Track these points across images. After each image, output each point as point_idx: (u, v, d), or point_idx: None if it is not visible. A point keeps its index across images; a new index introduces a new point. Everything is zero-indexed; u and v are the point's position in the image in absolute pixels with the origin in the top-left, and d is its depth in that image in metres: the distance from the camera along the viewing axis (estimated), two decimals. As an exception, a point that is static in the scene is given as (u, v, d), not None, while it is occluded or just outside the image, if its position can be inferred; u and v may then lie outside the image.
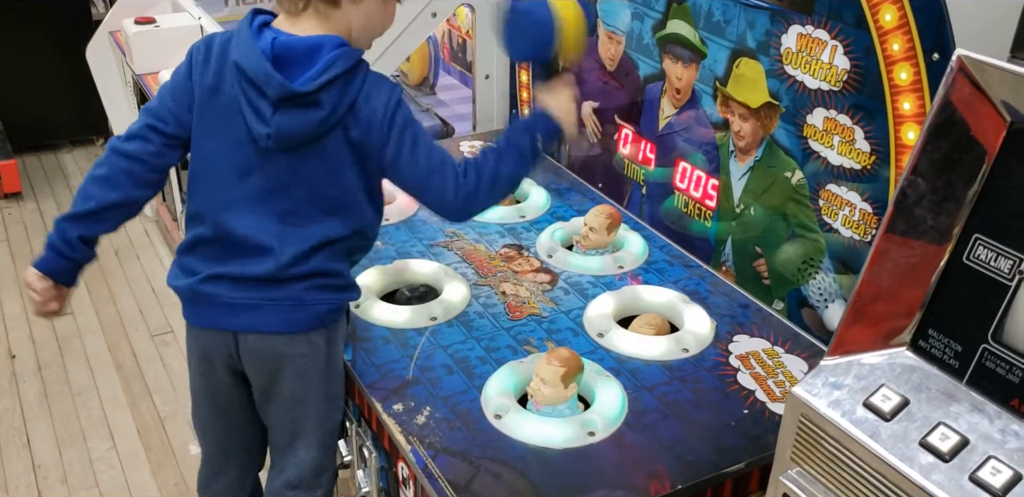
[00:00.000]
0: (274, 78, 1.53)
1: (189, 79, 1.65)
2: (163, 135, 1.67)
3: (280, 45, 1.56)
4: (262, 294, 1.66)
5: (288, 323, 1.68)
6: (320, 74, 1.54)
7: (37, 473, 2.77)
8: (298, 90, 1.53)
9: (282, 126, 1.56)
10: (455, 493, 1.50)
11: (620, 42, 2.30)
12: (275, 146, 1.58)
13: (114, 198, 1.67)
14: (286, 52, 1.56)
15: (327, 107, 1.55)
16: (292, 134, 1.57)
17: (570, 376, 1.66)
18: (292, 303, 1.67)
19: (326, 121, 1.57)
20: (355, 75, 1.58)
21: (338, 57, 1.55)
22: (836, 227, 1.79)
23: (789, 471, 1.13)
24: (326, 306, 1.70)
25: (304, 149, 1.60)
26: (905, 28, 1.54)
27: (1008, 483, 0.92)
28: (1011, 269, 0.99)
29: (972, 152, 1.02)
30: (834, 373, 1.10)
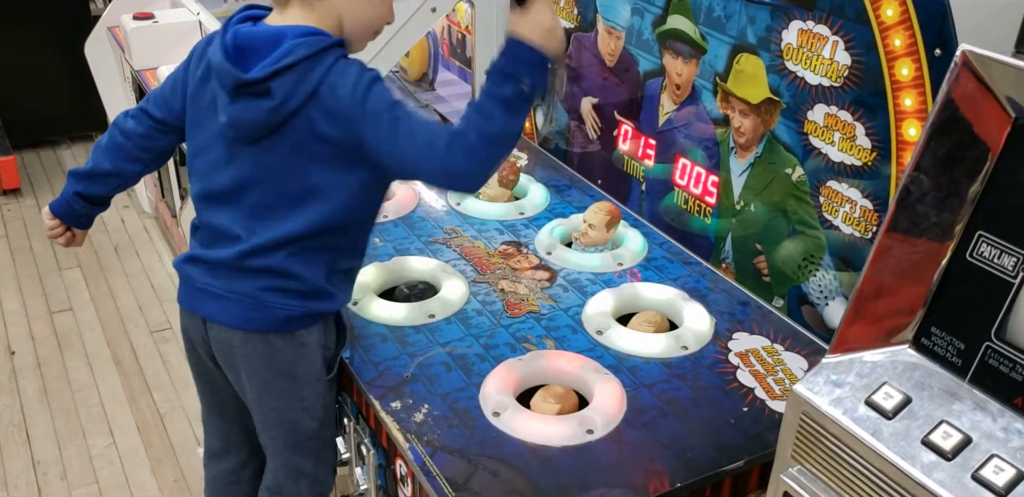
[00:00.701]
0: (224, 67, 1.53)
1: (186, 72, 1.69)
2: (153, 119, 1.77)
3: (242, 36, 1.55)
4: (227, 285, 1.66)
5: (245, 320, 1.67)
6: (274, 62, 1.50)
7: (37, 469, 2.76)
8: (245, 78, 1.51)
9: (234, 116, 1.55)
10: (453, 491, 1.49)
11: (620, 37, 2.29)
12: (233, 136, 1.58)
13: (106, 167, 1.81)
14: (248, 43, 1.54)
15: (278, 96, 1.50)
16: (244, 124, 1.55)
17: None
18: (251, 301, 1.65)
19: (277, 110, 1.51)
20: (317, 63, 1.50)
21: (297, 45, 1.50)
22: (836, 224, 1.78)
23: (790, 469, 1.12)
24: (285, 311, 1.65)
25: (266, 141, 1.56)
26: (907, 23, 1.53)
27: (1011, 482, 0.91)
28: (1015, 266, 0.98)
29: (975, 148, 1.02)
30: (836, 371, 1.09)
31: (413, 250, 2.19)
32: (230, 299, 1.66)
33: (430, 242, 2.23)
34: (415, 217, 2.34)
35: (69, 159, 4.78)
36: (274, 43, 1.52)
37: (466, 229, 2.29)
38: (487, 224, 2.31)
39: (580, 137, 2.58)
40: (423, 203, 2.41)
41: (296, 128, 1.53)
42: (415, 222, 2.31)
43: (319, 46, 1.51)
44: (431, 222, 2.31)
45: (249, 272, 1.64)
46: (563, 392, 1.72)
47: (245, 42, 1.55)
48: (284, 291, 1.65)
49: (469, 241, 2.23)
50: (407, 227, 2.29)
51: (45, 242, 4.01)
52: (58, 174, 4.63)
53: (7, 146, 4.41)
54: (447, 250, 2.19)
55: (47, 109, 4.72)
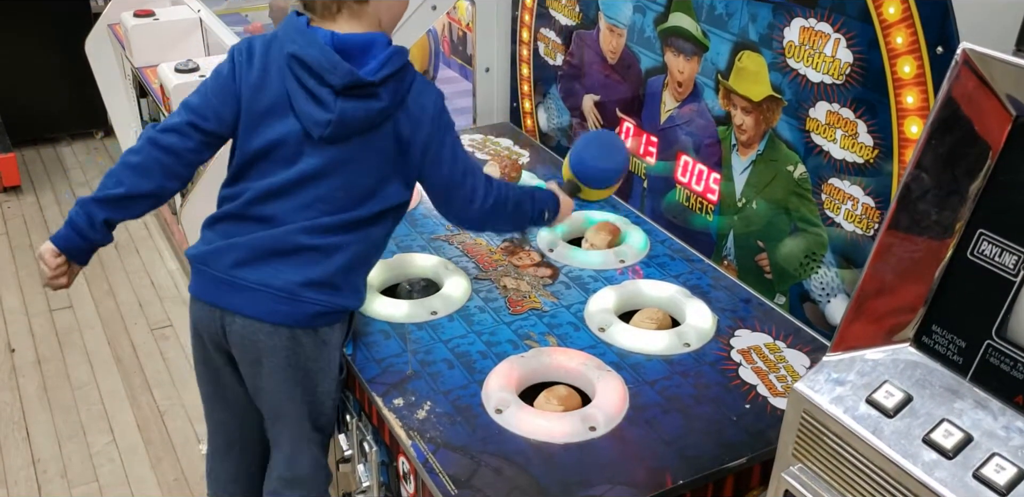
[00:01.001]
0: (342, 66, 1.58)
1: (233, 80, 1.69)
2: (202, 132, 1.71)
3: (339, 40, 1.61)
4: (259, 277, 1.67)
5: (274, 314, 1.68)
6: (381, 67, 1.60)
7: (37, 467, 2.77)
8: (365, 79, 1.59)
9: (345, 112, 1.61)
10: (456, 488, 1.50)
11: (622, 35, 2.29)
12: (331, 133, 1.63)
13: (145, 187, 1.71)
14: (344, 46, 1.61)
15: (386, 99, 1.62)
16: (352, 121, 1.63)
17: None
18: (284, 295, 1.67)
19: (383, 112, 1.63)
20: (407, 72, 1.65)
21: (393, 54, 1.62)
22: (838, 221, 1.78)
23: (791, 467, 1.12)
24: (317, 307, 1.68)
25: (352, 139, 1.65)
26: (908, 21, 1.53)
27: (1012, 480, 0.91)
28: (1016, 264, 0.98)
29: (976, 146, 1.02)
30: (837, 369, 1.09)
31: (415, 247, 2.19)
32: (261, 292, 1.67)
33: (432, 239, 2.23)
34: (417, 214, 2.34)
35: (69, 156, 4.78)
36: (366, 50, 1.62)
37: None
38: (488, 221, 2.31)
39: (582, 134, 2.58)
40: (425, 200, 2.40)
41: (384, 130, 1.66)
42: (417, 219, 2.31)
43: (407, 56, 1.66)
44: (433, 219, 2.31)
45: (296, 254, 1.67)
46: (566, 394, 1.72)
47: (342, 45, 1.61)
48: (321, 285, 1.68)
49: (471, 238, 2.24)
50: (409, 224, 2.29)
51: (45, 239, 4.00)
52: (58, 171, 4.62)
53: (7, 143, 4.41)
54: (449, 247, 2.20)
55: (47, 106, 4.72)
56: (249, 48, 1.69)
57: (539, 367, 1.78)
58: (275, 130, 1.67)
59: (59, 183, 4.52)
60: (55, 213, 4.23)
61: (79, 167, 4.67)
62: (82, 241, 1.73)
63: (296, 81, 1.62)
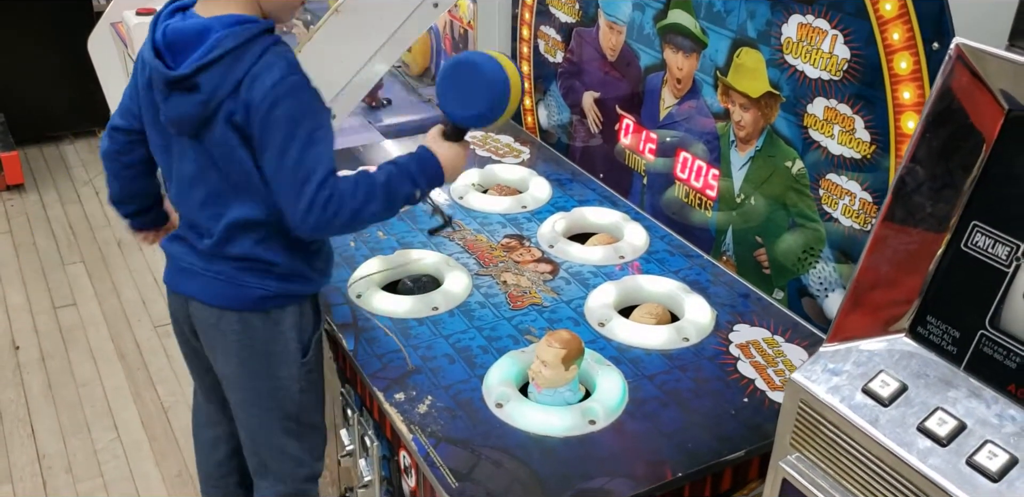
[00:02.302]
0: (155, 64, 1.54)
1: (135, 76, 1.69)
2: (123, 132, 1.76)
3: (171, 32, 1.54)
4: (205, 264, 1.71)
5: (220, 297, 1.71)
6: (200, 57, 1.50)
7: (42, 463, 2.78)
8: (174, 75, 1.52)
9: (169, 112, 1.57)
10: (457, 481, 1.51)
11: (621, 32, 2.30)
12: (175, 133, 1.60)
13: (117, 192, 1.88)
14: (177, 38, 1.54)
15: (206, 90, 1.51)
16: (180, 119, 1.56)
17: (571, 358, 1.64)
18: (225, 279, 1.69)
19: (207, 104, 1.52)
20: (244, 53, 1.50)
21: (224, 37, 1.50)
22: (836, 216, 1.79)
23: (788, 456, 1.14)
24: (261, 290, 1.69)
25: (203, 134, 1.57)
26: (905, 17, 1.54)
27: (1004, 466, 0.93)
28: (1009, 256, 1.00)
29: (970, 140, 1.03)
30: (833, 359, 1.10)
31: (416, 244, 2.20)
32: (209, 277, 1.70)
33: (433, 235, 2.24)
34: (417, 210, 2.35)
35: (72, 154, 4.80)
36: (202, 36, 1.51)
37: (469, 223, 2.30)
38: (490, 217, 2.33)
39: (582, 131, 2.59)
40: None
41: (219, 119, 1.54)
42: (418, 215, 2.33)
43: (246, 35, 1.51)
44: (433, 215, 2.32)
45: (226, 259, 1.69)
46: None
47: (174, 37, 1.54)
48: (261, 272, 1.69)
49: (472, 234, 2.25)
50: (410, 221, 2.30)
51: (48, 237, 4.02)
52: (61, 169, 4.64)
53: (10, 142, 4.43)
54: (450, 243, 2.21)
55: (50, 105, 4.74)
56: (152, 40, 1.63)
57: (539, 361, 1.79)
58: (158, 128, 1.66)
59: (62, 181, 4.53)
60: (58, 211, 4.24)
61: (82, 165, 4.69)
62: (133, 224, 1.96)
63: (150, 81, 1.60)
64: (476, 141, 2.74)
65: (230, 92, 1.51)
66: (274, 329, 1.74)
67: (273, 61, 1.51)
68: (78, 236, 4.04)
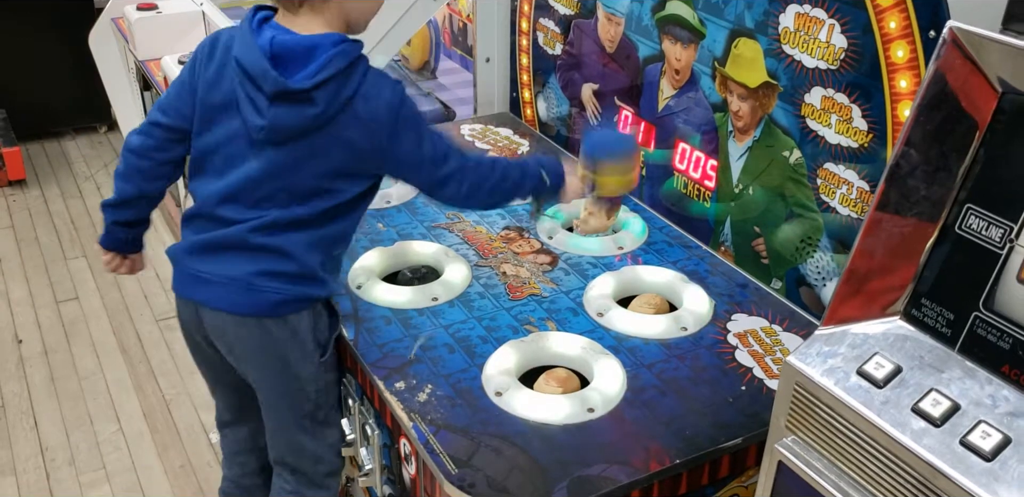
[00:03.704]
0: (270, 75, 1.57)
1: (192, 75, 1.71)
2: (165, 129, 1.76)
3: (278, 44, 1.60)
4: (219, 269, 1.70)
5: (236, 305, 1.71)
6: (316, 73, 1.57)
7: (45, 455, 2.79)
8: (292, 87, 1.57)
9: (276, 120, 1.61)
10: (456, 468, 1.52)
11: (619, 24, 2.31)
12: (266, 138, 1.63)
13: (131, 192, 1.83)
14: (284, 51, 1.59)
15: (321, 104, 1.59)
16: (285, 128, 1.62)
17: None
18: (242, 286, 1.69)
19: (319, 118, 1.60)
20: (352, 73, 1.60)
21: (334, 56, 1.58)
22: (834, 206, 1.80)
23: (784, 439, 1.15)
24: (278, 296, 1.70)
25: (294, 142, 1.64)
26: (901, 6, 1.55)
27: (997, 446, 0.94)
28: (1002, 238, 1.01)
29: (964, 123, 1.04)
30: (828, 342, 1.11)
31: (416, 235, 2.21)
32: (222, 284, 1.70)
33: (433, 227, 2.25)
34: (418, 202, 2.36)
35: (73, 150, 4.80)
36: (311, 53, 1.59)
37: (468, 214, 2.31)
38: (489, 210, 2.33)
39: (581, 123, 2.60)
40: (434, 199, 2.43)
41: (326, 133, 1.62)
42: (418, 207, 2.34)
43: (352, 56, 1.60)
44: (433, 207, 2.33)
45: (248, 250, 1.69)
46: (565, 376, 1.74)
47: (281, 50, 1.60)
48: (276, 275, 1.69)
49: (471, 226, 2.26)
50: (410, 212, 2.31)
51: (50, 232, 4.03)
52: (62, 165, 4.65)
53: (12, 137, 4.43)
54: (450, 235, 2.22)
55: (51, 100, 4.74)
56: (212, 43, 1.70)
57: (538, 351, 1.80)
58: (224, 128, 1.68)
59: (63, 177, 4.54)
60: (60, 206, 4.25)
61: (83, 160, 4.70)
62: (115, 238, 1.91)
63: (240, 84, 1.63)
64: (475, 134, 2.75)
65: (341, 108, 1.60)
66: (292, 334, 1.75)
67: (377, 78, 1.64)
68: (80, 231, 4.05)
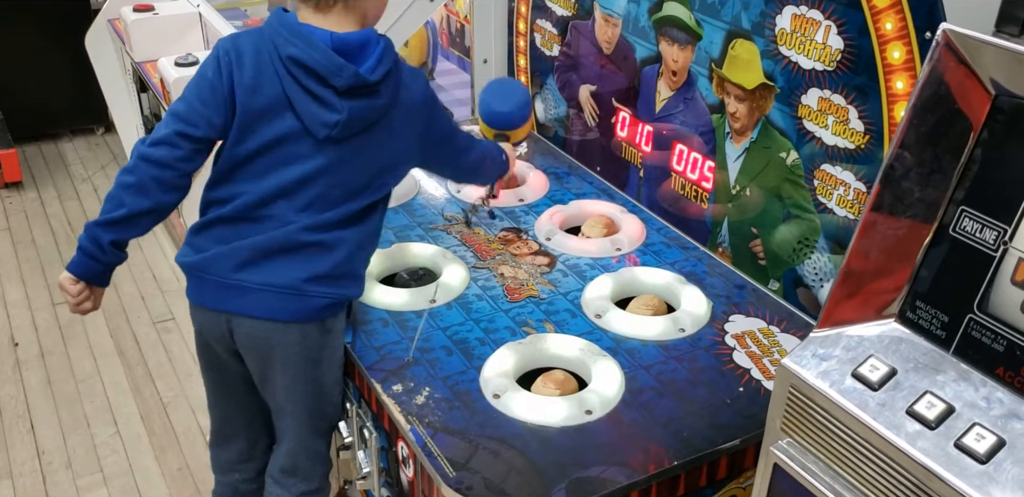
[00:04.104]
0: (347, 68, 1.61)
1: (221, 81, 1.65)
2: (192, 140, 1.68)
3: (338, 40, 1.63)
4: (263, 277, 1.69)
5: (283, 312, 1.70)
6: (378, 64, 1.65)
7: (41, 458, 2.79)
8: (368, 79, 1.63)
9: (353, 112, 1.64)
10: (454, 470, 1.52)
11: (617, 25, 2.31)
12: (338, 133, 1.65)
13: (146, 205, 1.69)
14: (343, 46, 1.63)
15: (385, 96, 1.68)
16: (358, 120, 1.66)
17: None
18: (291, 292, 1.69)
19: (383, 109, 1.69)
20: (399, 65, 1.71)
21: (386, 50, 1.67)
22: (831, 207, 1.80)
23: (779, 441, 1.15)
24: (325, 300, 1.72)
25: (356, 137, 1.69)
26: (897, 7, 1.55)
27: (992, 449, 0.94)
28: (996, 240, 1.01)
29: (958, 125, 1.04)
30: (823, 345, 1.11)
31: (414, 237, 2.21)
32: (263, 292, 1.69)
33: (431, 229, 2.25)
34: (415, 204, 2.36)
35: (70, 152, 4.80)
36: (365, 47, 1.65)
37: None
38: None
39: (579, 125, 2.60)
40: (423, 190, 2.43)
41: (380, 125, 1.71)
42: (415, 209, 2.34)
43: (396, 51, 1.71)
44: (431, 209, 2.33)
45: (299, 250, 1.69)
46: (563, 378, 1.74)
47: (342, 45, 1.63)
48: (324, 279, 1.71)
49: (470, 228, 2.26)
50: (408, 214, 2.31)
51: (47, 234, 4.03)
52: (59, 167, 4.64)
53: (8, 139, 4.43)
54: (447, 237, 2.22)
55: (48, 102, 4.74)
56: (237, 48, 1.67)
57: (536, 353, 1.80)
58: (272, 130, 1.66)
59: (60, 179, 4.53)
60: (57, 208, 4.25)
61: (80, 162, 4.69)
62: (96, 265, 1.75)
63: (296, 83, 1.62)
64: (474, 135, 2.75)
65: (393, 99, 1.70)
66: (327, 337, 1.77)
67: (409, 68, 1.77)
68: (76, 233, 4.01)
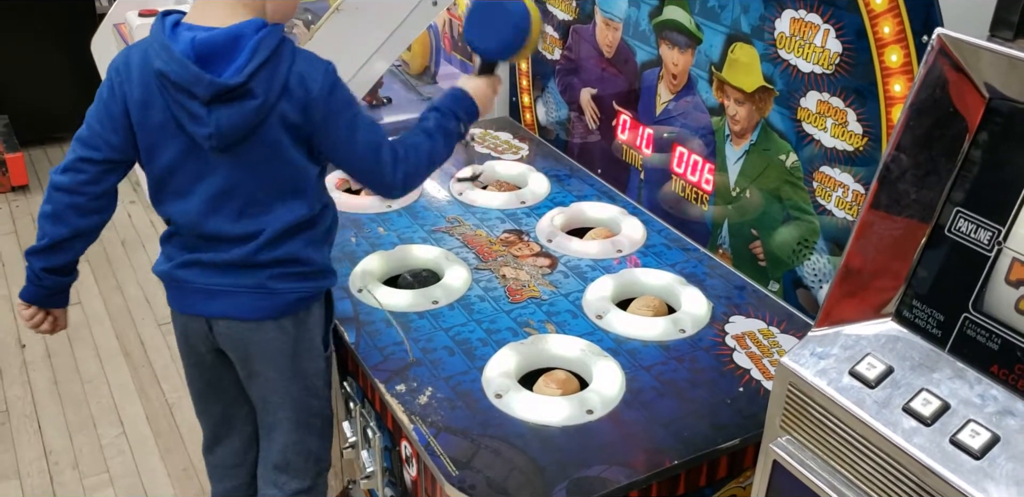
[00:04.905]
0: (203, 78, 1.50)
1: (114, 99, 1.61)
2: (95, 162, 1.64)
3: (200, 43, 1.52)
4: (233, 280, 1.70)
5: (256, 310, 1.72)
6: (246, 63, 1.51)
7: (49, 459, 2.81)
8: (228, 84, 1.51)
9: (221, 123, 1.54)
10: (457, 469, 1.53)
11: (618, 29, 2.33)
12: (218, 144, 1.56)
13: (64, 233, 1.68)
14: (208, 48, 1.52)
15: (260, 95, 1.53)
16: (233, 129, 1.55)
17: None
18: (261, 291, 1.70)
19: (262, 109, 1.54)
20: (281, 56, 1.54)
21: (260, 41, 1.51)
22: (830, 209, 1.82)
23: (779, 439, 1.16)
24: (295, 295, 1.72)
25: (248, 141, 1.58)
26: (895, 11, 1.57)
27: (986, 444, 0.95)
28: (990, 240, 1.02)
29: (953, 128, 1.05)
30: (821, 343, 1.13)
31: (416, 239, 2.23)
32: (236, 293, 1.71)
33: (433, 231, 2.27)
34: (418, 207, 2.38)
35: (76, 155, 4.82)
36: (236, 43, 1.51)
37: (468, 218, 2.33)
38: (489, 213, 2.36)
39: (580, 127, 2.62)
40: (426, 193, 2.45)
41: (271, 123, 1.57)
42: (418, 211, 2.35)
43: (278, 38, 1.54)
44: (434, 211, 2.35)
45: (260, 267, 1.69)
46: (565, 378, 1.76)
47: (205, 48, 1.52)
48: (294, 276, 1.71)
49: (471, 229, 2.27)
50: (410, 216, 2.33)
51: (54, 237, 4.05)
52: (65, 170, 4.67)
53: (15, 143, 4.45)
54: (450, 238, 2.24)
55: (54, 106, 4.76)
56: (127, 62, 1.60)
57: (538, 353, 1.82)
58: (174, 147, 1.61)
59: (66, 182, 4.56)
60: (62, 211, 4.27)
61: (85, 166, 4.72)
62: (40, 289, 1.75)
63: (171, 97, 1.55)
64: (476, 138, 2.77)
65: (280, 93, 1.55)
66: (306, 329, 1.77)
67: (308, 56, 1.60)
68: (82, 236, 4.07)
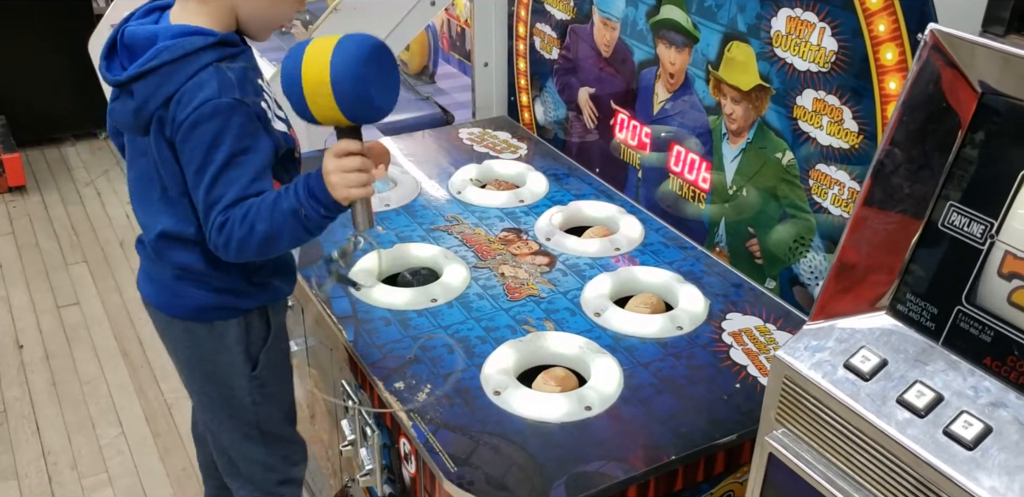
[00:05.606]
0: (102, 66, 1.54)
1: None
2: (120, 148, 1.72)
3: (127, 35, 1.53)
4: (153, 270, 1.73)
5: (166, 306, 1.73)
6: (138, 66, 1.47)
7: (47, 459, 2.81)
8: (110, 79, 1.52)
9: (113, 113, 1.58)
10: (456, 466, 1.54)
11: (615, 28, 2.34)
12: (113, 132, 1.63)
13: None
14: (132, 42, 1.52)
15: (138, 99, 1.49)
16: (119, 123, 1.58)
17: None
18: (169, 288, 1.71)
19: (139, 113, 1.50)
20: (181, 67, 1.46)
21: (163, 49, 1.46)
22: (826, 206, 1.83)
23: (774, 431, 1.17)
24: (197, 301, 1.69)
25: (142, 141, 1.57)
26: (890, 9, 1.58)
27: (979, 435, 0.97)
28: (983, 233, 1.04)
29: (946, 123, 1.07)
30: (816, 337, 1.14)
31: (415, 237, 2.24)
32: (155, 283, 1.74)
33: (432, 229, 2.28)
34: (417, 205, 2.38)
35: (73, 156, 4.83)
36: (151, 43, 1.49)
37: (467, 217, 2.34)
38: (488, 212, 2.36)
39: (578, 127, 2.63)
40: (424, 192, 2.46)
41: (153, 128, 1.52)
42: (417, 210, 2.36)
43: (186, 49, 1.46)
44: (433, 210, 2.36)
45: (163, 263, 1.69)
46: (563, 375, 1.77)
47: (130, 41, 1.52)
48: (196, 282, 1.69)
49: (470, 228, 2.28)
50: (409, 215, 2.34)
51: (51, 238, 4.06)
52: (62, 171, 4.68)
53: (12, 144, 4.46)
54: (449, 237, 2.24)
55: (51, 107, 4.78)
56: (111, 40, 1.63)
57: (537, 351, 1.82)
58: None
59: (64, 183, 4.57)
60: (60, 212, 4.28)
61: (83, 166, 4.73)
62: None
63: None
64: (474, 138, 2.78)
65: (160, 105, 1.48)
66: (219, 341, 1.74)
67: (205, 80, 1.46)
68: (80, 236, 4.08)
